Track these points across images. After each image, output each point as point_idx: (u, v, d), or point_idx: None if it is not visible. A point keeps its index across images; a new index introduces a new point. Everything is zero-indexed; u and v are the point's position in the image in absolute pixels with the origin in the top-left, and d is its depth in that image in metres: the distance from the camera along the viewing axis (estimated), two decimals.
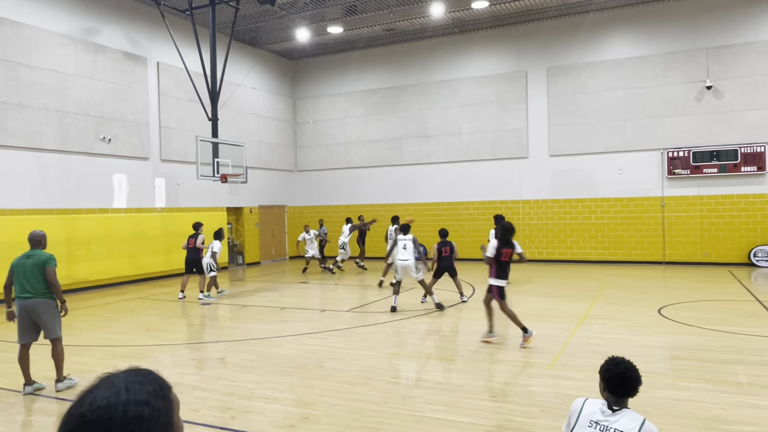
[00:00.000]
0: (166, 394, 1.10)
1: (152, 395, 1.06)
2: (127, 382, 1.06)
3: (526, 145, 19.42)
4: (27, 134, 13.47)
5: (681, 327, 8.93)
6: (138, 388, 1.06)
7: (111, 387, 1.04)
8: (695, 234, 17.41)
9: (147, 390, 1.06)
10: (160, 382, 1.11)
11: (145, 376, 1.10)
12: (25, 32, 13.49)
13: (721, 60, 16.94)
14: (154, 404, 1.05)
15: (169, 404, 1.09)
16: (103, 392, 1.03)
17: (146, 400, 1.04)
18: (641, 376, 3.05)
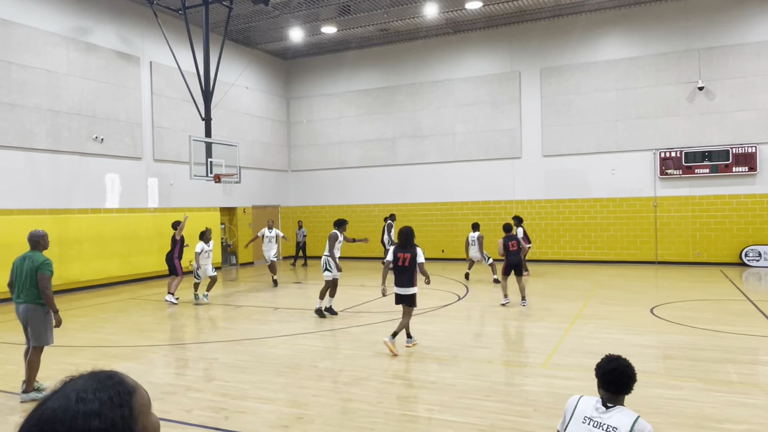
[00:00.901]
0: (126, 399, 1.02)
1: (106, 404, 0.98)
2: (80, 390, 0.99)
3: (520, 145, 19.48)
4: (18, 134, 13.39)
5: (673, 326, 8.98)
6: (90, 397, 0.98)
7: (62, 397, 0.98)
8: (687, 234, 17.51)
9: (101, 398, 0.99)
10: (120, 387, 1.03)
11: (102, 381, 1.02)
12: (17, 31, 13.41)
13: (712, 61, 17.05)
14: (107, 414, 0.97)
15: (128, 411, 1.01)
16: (53, 403, 0.97)
17: (98, 410, 0.97)
18: (635, 374, 3.07)
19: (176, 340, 9.17)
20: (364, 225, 21.75)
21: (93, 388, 1.00)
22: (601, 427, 2.89)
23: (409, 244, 7.79)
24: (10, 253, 12.82)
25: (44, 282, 6.04)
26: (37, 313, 6.17)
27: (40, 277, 6.04)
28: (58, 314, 6.22)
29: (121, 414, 0.99)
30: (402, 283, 7.80)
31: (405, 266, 7.72)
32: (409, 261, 7.68)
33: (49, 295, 6.07)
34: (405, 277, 7.76)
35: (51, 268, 6.16)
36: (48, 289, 6.06)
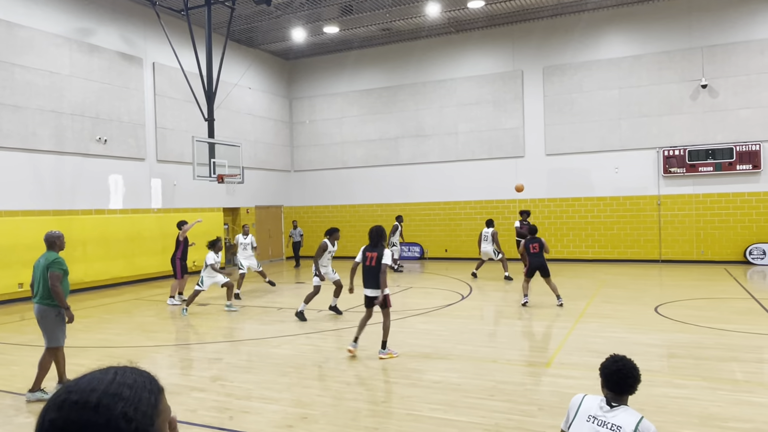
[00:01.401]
0: (155, 390, 1.11)
1: (139, 384, 1.09)
2: (118, 369, 1.12)
3: (523, 144, 19.45)
4: (22, 135, 13.43)
5: (677, 325, 8.96)
6: (128, 375, 1.10)
7: (104, 370, 1.11)
8: (691, 232, 17.47)
9: (135, 378, 1.10)
10: (152, 380, 1.14)
11: (139, 371, 1.14)
12: (19, 33, 13.44)
13: (716, 59, 17.00)
14: (137, 390, 1.07)
15: (155, 400, 1.10)
16: (96, 372, 1.10)
17: (131, 384, 1.07)
18: (640, 375, 3.07)
19: (180, 341, 9.19)
20: (367, 225, 21.72)
21: (130, 370, 1.12)
22: (605, 426, 2.90)
23: (379, 244, 7.58)
24: (15, 254, 12.90)
25: (53, 280, 6.06)
26: (49, 314, 6.20)
27: (49, 275, 6.08)
28: (69, 311, 6.24)
29: (148, 397, 1.08)
30: (370, 284, 7.58)
31: (371, 266, 7.49)
32: (375, 261, 7.46)
33: (59, 292, 6.09)
34: (372, 277, 7.53)
35: (62, 267, 6.19)
36: (57, 286, 6.08)
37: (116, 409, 1.02)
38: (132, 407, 1.04)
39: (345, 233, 22.46)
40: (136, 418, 1.04)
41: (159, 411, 1.10)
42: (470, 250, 19.02)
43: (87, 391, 1.03)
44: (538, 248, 11.04)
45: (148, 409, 1.07)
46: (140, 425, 1.04)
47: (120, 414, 1.02)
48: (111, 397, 1.03)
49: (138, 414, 1.05)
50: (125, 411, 1.03)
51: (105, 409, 1.02)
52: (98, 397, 1.03)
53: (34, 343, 8.91)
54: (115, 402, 1.03)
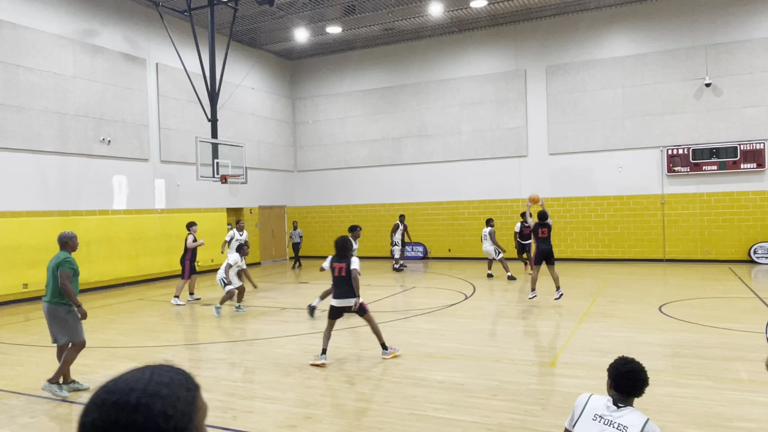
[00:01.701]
0: (192, 388, 1.14)
1: (176, 382, 1.11)
2: (155, 367, 1.14)
3: (526, 143, 19.43)
4: (26, 136, 13.47)
5: (682, 324, 8.94)
6: (165, 373, 1.12)
7: (142, 369, 1.13)
8: (695, 231, 17.42)
9: (172, 377, 1.12)
10: (189, 378, 1.16)
11: (175, 369, 1.16)
12: (23, 34, 13.49)
13: (719, 57, 16.94)
14: (175, 389, 1.09)
15: (192, 398, 1.12)
16: (133, 372, 1.12)
17: (168, 383, 1.09)
18: (648, 377, 3.07)
19: (184, 341, 9.20)
20: (370, 224, 21.76)
21: (167, 369, 1.14)
22: (612, 425, 2.90)
23: (345, 255, 7.47)
24: (19, 254, 12.95)
25: (63, 278, 6.14)
26: (59, 312, 6.25)
27: (59, 274, 6.15)
28: (81, 308, 6.29)
29: (186, 395, 1.11)
30: (341, 294, 7.41)
31: (342, 276, 7.40)
32: (345, 271, 7.37)
33: (68, 290, 6.15)
34: (344, 287, 7.40)
35: (72, 266, 6.26)
36: (67, 284, 6.15)
37: (155, 408, 1.04)
38: (171, 406, 1.06)
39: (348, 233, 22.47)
40: (175, 416, 1.06)
41: (197, 408, 1.13)
42: (473, 249, 19.00)
43: (126, 391, 1.05)
44: (547, 233, 11.01)
45: (186, 407, 1.09)
46: (179, 423, 1.06)
47: (159, 413, 1.04)
48: (150, 397, 1.05)
49: (177, 412, 1.07)
50: (164, 410, 1.05)
51: (145, 409, 1.04)
52: (137, 396, 1.05)
53: (38, 343, 8.94)
54: (154, 401, 1.05)
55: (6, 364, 7.78)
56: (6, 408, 5.96)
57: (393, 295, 13.11)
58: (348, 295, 7.38)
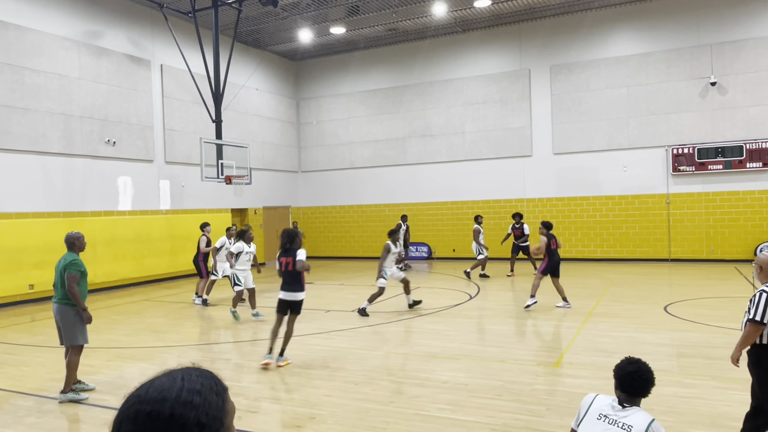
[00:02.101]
0: (221, 391, 1.15)
1: (206, 388, 1.12)
2: (185, 373, 1.14)
3: (530, 143, 19.40)
4: (32, 138, 13.53)
5: (687, 324, 8.91)
6: (194, 379, 1.13)
7: (170, 376, 1.13)
8: (701, 231, 17.35)
9: (202, 382, 1.13)
10: (217, 380, 1.17)
11: (203, 372, 1.17)
12: (29, 36, 13.55)
13: (725, 56, 16.87)
14: (206, 395, 1.11)
15: (222, 401, 1.14)
16: (162, 379, 1.12)
17: (199, 390, 1.11)
18: (654, 378, 3.08)
19: (189, 341, 9.23)
20: (374, 225, 21.77)
21: (197, 374, 1.15)
22: (616, 425, 2.90)
23: (291, 249, 7.32)
24: (25, 255, 13.01)
25: (70, 281, 6.12)
26: (68, 314, 6.24)
27: (66, 276, 6.13)
28: (87, 312, 6.27)
29: (216, 401, 1.12)
30: (289, 288, 7.29)
31: (289, 270, 7.28)
32: (292, 265, 7.24)
33: (75, 293, 6.14)
34: (291, 281, 7.29)
35: (80, 268, 6.24)
36: (74, 287, 6.14)
37: (189, 417, 1.06)
38: (204, 413, 1.08)
39: (352, 234, 22.52)
40: (208, 423, 1.08)
41: (227, 411, 1.14)
42: None
43: (159, 401, 1.07)
44: (556, 244, 10.88)
45: (217, 413, 1.11)
46: (212, 428, 1.08)
47: (193, 422, 1.06)
48: (183, 406, 1.07)
49: (209, 419, 1.09)
50: (198, 419, 1.07)
51: (179, 419, 1.05)
52: (171, 407, 1.06)
53: (45, 344, 8.99)
54: (188, 411, 1.07)
55: (12, 365, 7.82)
56: (12, 408, 5.99)
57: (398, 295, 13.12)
58: (296, 289, 7.28)
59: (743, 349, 4.15)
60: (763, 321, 3.93)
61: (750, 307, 4.04)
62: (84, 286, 6.35)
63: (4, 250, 12.64)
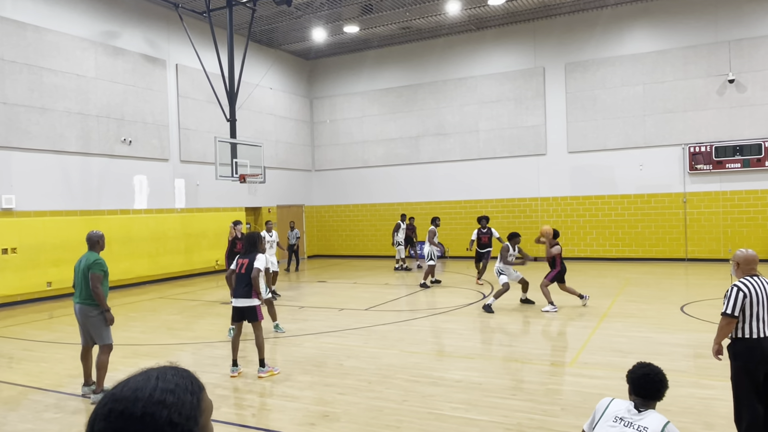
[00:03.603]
0: (197, 391, 1.15)
1: (180, 387, 1.13)
2: (160, 372, 1.15)
3: (545, 141, 19.27)
4: (50, 137, 13.71)
5: (704, 324, 8.80)
6: (169, 378, 1.13)
7: (145, 375, 1.14)
8: (718, 230, 17.13)
9: (177, 382, 1.13)
10: (193, 380, 1.18)
11: (179, 371, 1.18)
12: (47, 37, 13.72)
13: (743, 53, 16.63)
14: (179, 395, 1.11)
15: (197, 401, 1.14)
16: (137, 377, 1.14)
17: (173, 389, 1.11)
18: (667, 380, 3.09)
19: (204, 339, 9.29)
20: (387, 224, 21.76)
21: (171, 373, 1.15)
22: (631, 427, 2.92)
23: (251, 251, 6.99)
24: (43, 253, 13.19)
25: (94, 281, 6.07)
26: (92, 314, 6.18)
27: (90, 277, 6.08)
28: (109, 312, 6.22)
29: (190, 400, 1.13)
30: (239, 293, 6.87)
31: (241, 273, 6.87)
32: (246, 267, 6.87)
33: (99, 293, 6.10)
34: (242, 286, 6.86)
35: (102, 268, 6.18)
36: (98, 288, 6.09)
37: (161, 417, 1.07)
38: (176, 413, 1.09)
39: (365, 232, 22.53)
40: (180, 422, 1.09)
41: (201, 410, 1.15)
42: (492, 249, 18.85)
43: (131, 401, 1.08)
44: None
45: (191, 412, 1.11)
46: (185, 428, 1.09)
47: (165, 421, 1.07)
48: (155, 406, 1.07)
49: (182, 418, 1.09)
50: (170, 418, 1.08)
51: (150, 419, 1.06)
52: (143, 406, 1.07)
53: (62, 340, 9.10)
54: (160, 410, 1.07)
55: (30, 361, 7.93)
56: (31, 403, 6.08)
57: (411, 294, 13.11)
58: (246, 294, 6.83)
59: (720, 342, 4.38)
60: (734, 314, 4.17)
61: (724, 301, 4.27)
62: (105, 285, 6.31)
63: (23, 248, 12.83)
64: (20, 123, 13.10)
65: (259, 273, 6.83)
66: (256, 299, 6.88)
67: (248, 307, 6.88)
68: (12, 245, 12.65)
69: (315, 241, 23.47)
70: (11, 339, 9.43)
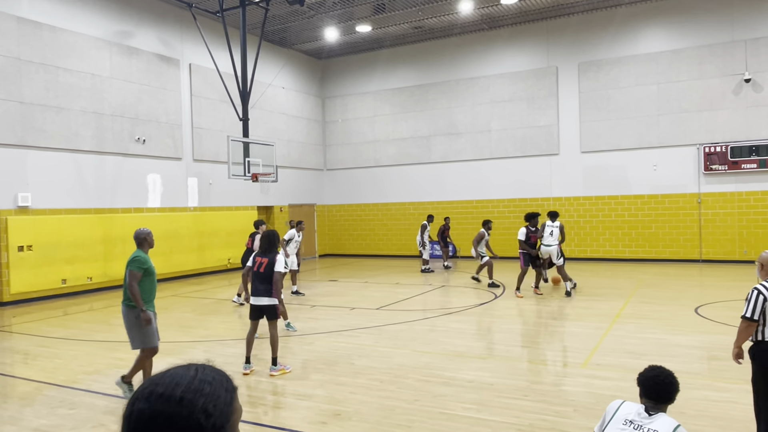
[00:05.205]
0: (231, 389, 1.21)
1: (217, 381, 1.19)
2: (199, 366, 1.22)
3: (557, 141, 19.17)
4: (65, 136, 13.85)
5: (719, 326, 8.71)
6: (208, 372, 1.20)
7: (186, 366, 1.21)
8: (733, 231, 16.94)
9: (214, 376, 1.20)
10: (229, 379, 1.24)
11: (217, 370, 1.24)
12: (63, 37, 13.87)
13: (760, 52, 16.43)
14: (216, 388, 1.17)
15: (230, 398, 1.19)
16: (178, 368, 1.20)
17: (211, 381, 1.17)
18: (678, 383, 3.07)
19: (216, 337, 9.35)
20: (399, 223, 21.77)
21: (210, 369, 1.22)
22: (641, 430, 2.90)
23: (270, 250, 7.01)
24: (58, 251, 13.33)
25: (131, 279, 5.85)
26: (129, 316, 5.98)
27: (127, 274, 5.88)
28: (145, 312, 5.93)
29: (225, 396, 1.18)
30: (258, 292, 6.91)
31: (260, 272, 6.90)
32: (265, 267, 6.88)
33: (135, 291, 5.83)
34: (261, 284, 6.90)
35: (142, 265, 5.92)
36: (134, 286, 5.84)
37: (198, 403, 1.12)
38: (212, 404, 1.13)
39: (377, 232, 22.54)
40: (214, 413, 1.13)
41: (233, 409, 1.19)
42: (503, 248, 18.81)
43: (172, 385, 1.14)
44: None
45: (225, 407, 1.16)
46: (218, 421, 1.13)
47: (201, 409, 1.11)
48: (193, 393, 1.13)
49: (216, 410, 1.14)
50: (206, 406, 1.12)
51: (188, 403, 1.12)
52: (182, 391, 1.13)
53: (77, 337, 9.20)
54: (197, 398, 1.13)
55: (45, 357, 8.02)
56: (45, 399, 6.15)
57: (422, 293, 13.10)
58: (265, 294, 6.88)
59: (740, 345, 4.32)
60: (754, 317, 4.12)
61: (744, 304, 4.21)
62: (151, 284, 6.05)
63: (39, 246, 12.98)
64: (36, 122, 13.25)
65: (281, 276, 6.89)
66: (274, 299, 6.92)
67: (267, 306, 6.91)
68: (28, 243, 12.81)
69: (326, 241, 23.52)
70: (27, 335, 9.55)
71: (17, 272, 12.63)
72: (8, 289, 12.54)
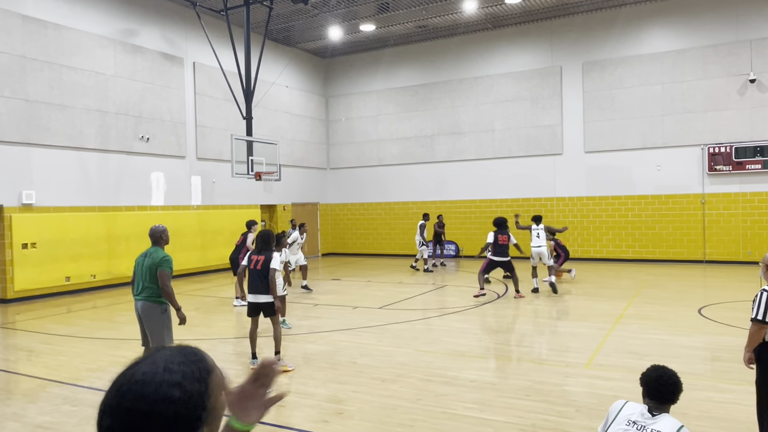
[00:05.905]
0: (204, 377, 1.16)
1: (188, 377, 1.13)
2: (168, 361, 1.14)
3: (561, 141, 19.13)
4: (69, 134, 13.89)
5: (722, 327, 8.68)
6: (175, 368, 1.13)
7: (152, 364, 1.13)
8: (737, 232, 16.89)
9: (184, 371, 1.13)
10: (201, 364, 1.17)
11: (187, 356, 1.17)
12: (67, 35, 13.90)
13: (765, 52, 16.36)
14: (187, 387, 1.11)
15: (204, 387, 1.14)
16: (143, 367, 1.13)
17: (179, 382, 1.11)
18: (681, 383, 3.06)
19: (219, 335, 9.37)
20: (402, 222, 21.76)
21: (179, 361, 1.15)
22: (644, 430, 2.89)
23: (266, 248, 7.15)
24: (62, 248, 13.37)
25: (164, 279, 5.87)
26: (154, 312, 5.98)
27: (160, 275, 5.87)
28: (181, 311, 6.03)
29: (198, 388, 1.13)
30: (256, 290, 7.03)
31: (257, 269, 7.02)
32: (261, 264, 7.02)
33: (170, 292, 5.90)
34: (259, 282, 7.02)
35: (170, 264, 5.99)
36: (168, 286, 5.90)
37: (168, 413, 1.08)
38: (183, 407, 1.10)
39: (380, 231, 22.54)
40: (187, 413, 1.10)
41: (210, 394, 1.15)
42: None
43: (139, 398, 1.09)
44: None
45: (198, 401, 1.13)
46: (192, 416, 1.11)
47: (171, 417, 1.08)
48: (161, 403, 1.09)
49: (188, 410, 1.10)
50: (176, 412, 1.09)
51: (157, 416, 1.08)
52: (150, 403, 1.08)
53: (80, 334, 9.23)
54: (166, 406, 1.09)
55: (49, 354, 8.05)
56: (49, 396, 6.17)
57: (424, 293, 13.10)
58: (262, 291, 7.00)
59: (751, 349, 4.21)
60: (765, 320, 4.00)
61: (753, 306, 4.10)
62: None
63: (43, 243, 13.02)
64: (41, 119, 13.29)
65: (275, 273, 7.02)
66: (270, 296, 7.02)
67: (265, 303, 7.03)
68: (32, 240, 12.85)
69: (329, 239, 23.53)
70: (30, 332, 9.58)
71: (21, 269, 12.67)
72: (12, 287, 12.58)
